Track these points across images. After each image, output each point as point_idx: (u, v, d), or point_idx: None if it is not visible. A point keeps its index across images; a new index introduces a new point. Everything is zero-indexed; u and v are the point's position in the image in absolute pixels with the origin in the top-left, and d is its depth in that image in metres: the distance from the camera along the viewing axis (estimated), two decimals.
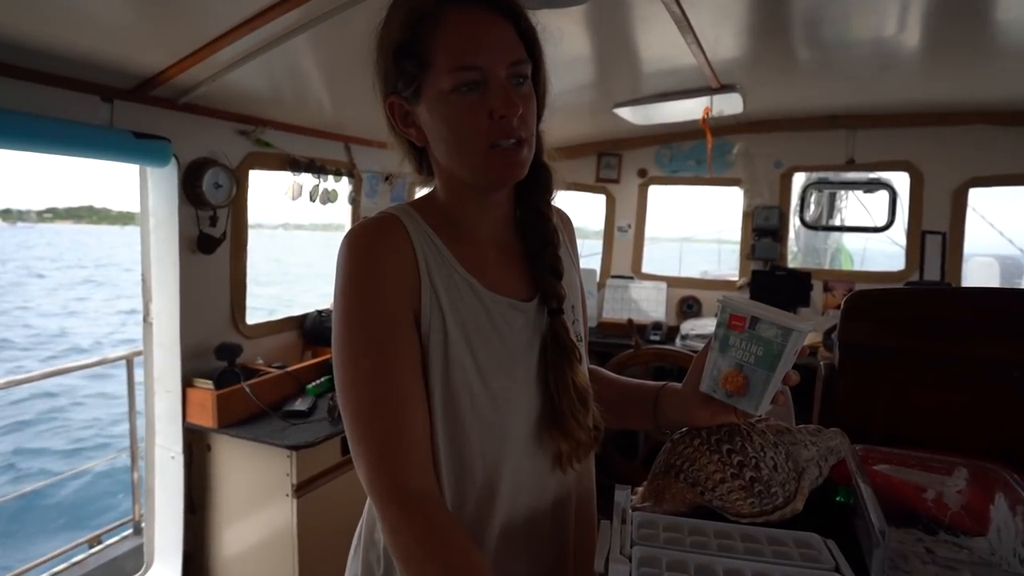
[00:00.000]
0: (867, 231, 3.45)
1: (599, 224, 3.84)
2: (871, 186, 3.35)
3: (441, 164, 0.73)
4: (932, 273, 3.06)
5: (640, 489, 0.84)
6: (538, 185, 0.77)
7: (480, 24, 0.65)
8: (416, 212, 0.74)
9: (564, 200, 0.85)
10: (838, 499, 0.81)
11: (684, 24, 1.75)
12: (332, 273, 0.70)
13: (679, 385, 0.82)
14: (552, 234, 0.78)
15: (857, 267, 4.53)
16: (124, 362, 2.49)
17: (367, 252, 0.68)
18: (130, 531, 2.41)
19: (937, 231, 3.08)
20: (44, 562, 2.16)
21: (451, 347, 0.69)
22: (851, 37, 2.04)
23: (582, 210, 3.84)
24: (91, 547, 2.31)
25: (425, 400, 0.69)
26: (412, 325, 0.68)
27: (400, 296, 0.68)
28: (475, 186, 0.72)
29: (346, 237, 0.69)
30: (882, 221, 3.31)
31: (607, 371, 0.95)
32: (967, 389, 0.94)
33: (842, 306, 1.04)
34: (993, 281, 5.09)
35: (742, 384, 0.71)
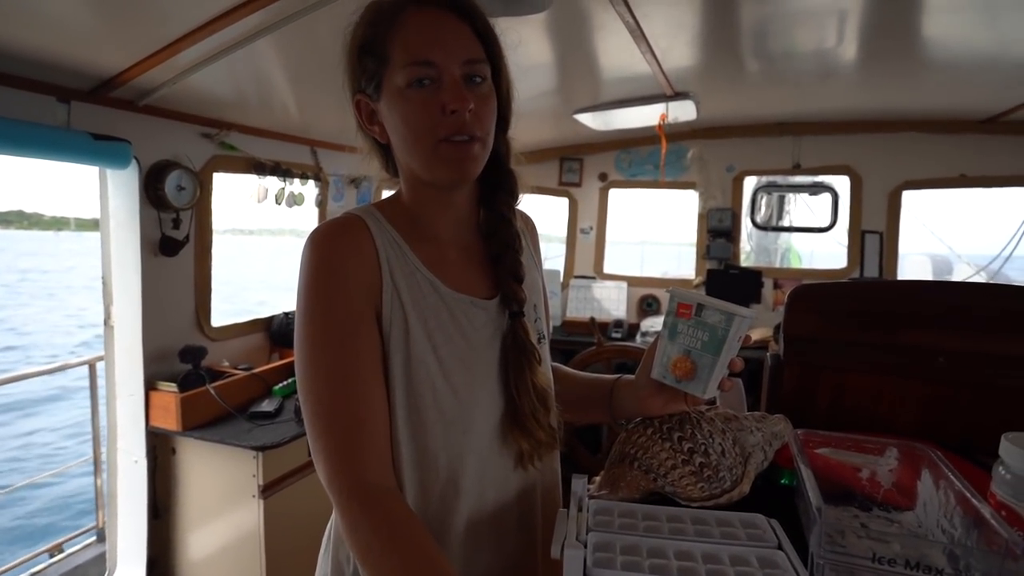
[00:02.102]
0: (813, 231, 3.63)
1: (562, 227, 3.92)
2: (815, 189, 3.53)
3: (401, 161, 0.75)
4: (871, 270, 3.25)
5: (597, 478, 0.89)
6: (502, 189, 0.79)
7: (436, 21, 0.68)
8: (379, 213, 0.75)
9: (528, 203, 0.87)
10: (783, 482, 0.87)
11: (638, 33, 1.82)
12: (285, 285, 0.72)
13: (632, 377, 0.86)
14: (514, 238, 0.79)
15: (805, 266, 4.74)
16: (86, 367, 2.43)
17: (329, 251, 0.69)
18: (93, 539, 2.36)
19: (875, 231, 3.27)
20: (2, 573, 2.10)
21: (413, 343, 0.70)
22: (795, 49, 2.15)
23: (546, 213, 3.92)
24: (52, 556, 2.26)
25: (385, 397, 0.70)
26: (373, 323, 0.70)
27: (361, 294, 0.69)
28: (430, 183, 0.73)
29: (310, 237, 0.71)
30: (826, 222, 3.49)
31: (567, 368, 0.99)
32: (898, 374, 1.03)
33: (786, 300, 1.12)
34: (926, 277, 5.40)
35: (690, 369, 0.75)
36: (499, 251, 0.79)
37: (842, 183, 3.39)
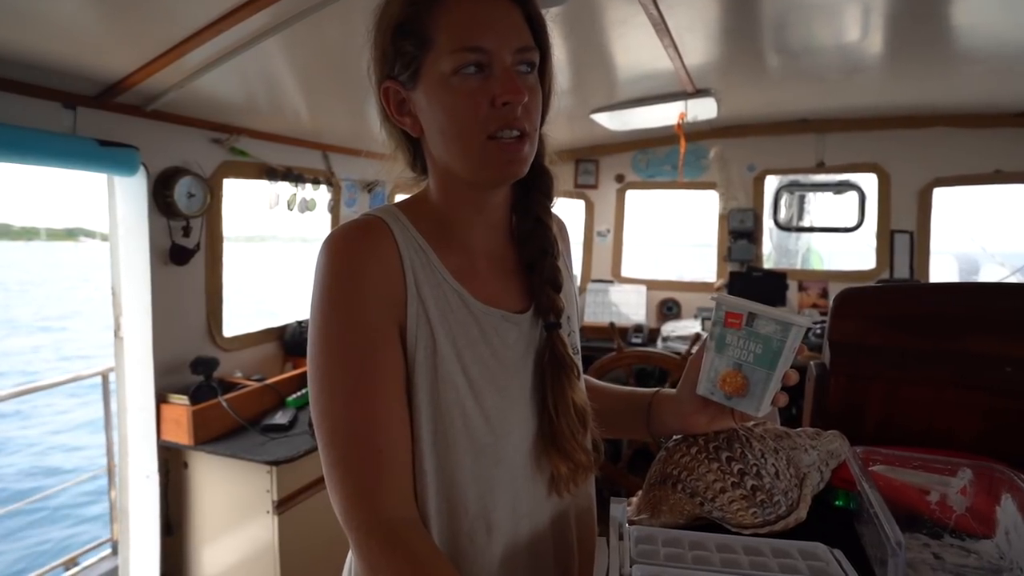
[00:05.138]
0: (839, 231, 3.53)
1: (578, 230, 3.85)
2: (841, 188, 3.43)
3: (436, 158, 0.68)
4: (902, 271, 3.14)
5: (635, 499, 0.82)
6: (538, 190, 0.73)
7: (488, 4, 0.61)
8: (403, 214, 0.68)
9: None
10: (838, 503, 0.80)
11: (661, 26, 1.76)
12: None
13: (673, 391, 0.80)
14: (551, 244, 0.73)
15: (827, 267, 4.63)
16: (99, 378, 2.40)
17: (348, 258, 0.62)
18: (108, 551, 2.33)
19: (905, 230, 3.16)
20: None
21: (441, 363, 0.64)
22: (816, 43, 2.08)
23: (560, 216, 3.84)
24: (67, 569, 2.24)
25: (408, 422, 0.64)
26: (396, 339, 0.63)
27: (383, 307, 0.63)
28: (471, 183, 0.67)
29: (326, 241, 0.64)
30: (852, 222, 3.38)
31: (598, 380, 0.92)
32: (959, 385, 0.95)
33: (831, 304, 1.04)
34: (952, 278, 5.26)
35: (742, 384, 0.69)
36: (535, 258, 0.72)
37: (869, 181, 3.29)
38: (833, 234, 3.65)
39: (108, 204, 1.91)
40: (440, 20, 0.61)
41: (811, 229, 4.01)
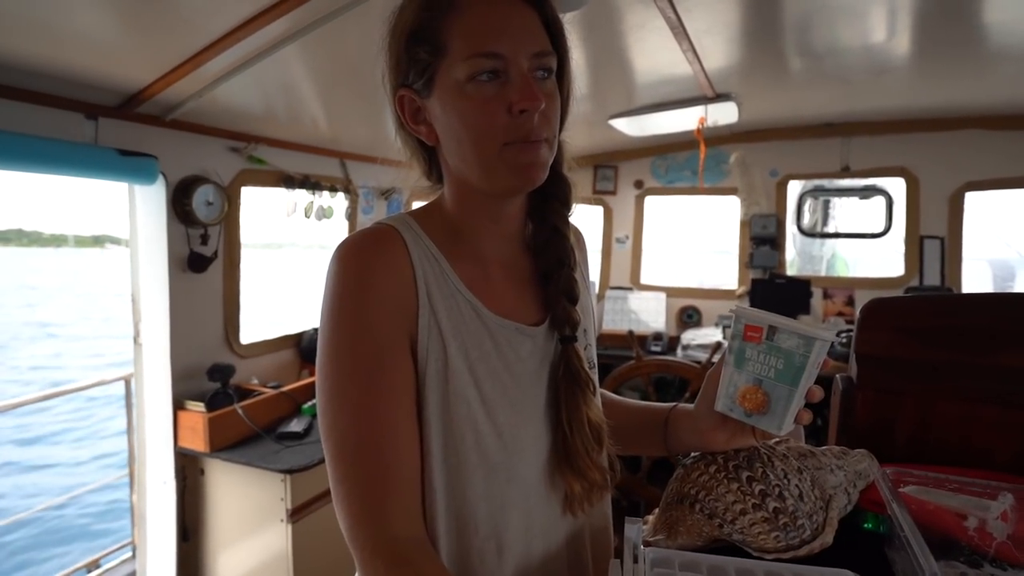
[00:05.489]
0: (865, 237, 3.44)
1: (597, 236, 3.81)
2: (867, 192, 3.34)
3: (451, 167, 0.66)
4: (932, 278, 3.04)
5: (651, 518, 0.79)
6: (556, 198, 0.70)
7: (503, 8, 0.59)
8: (416, 223, 0.66)
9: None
10: (866, 526, 0.76)
11: (680, 30, 1.73)
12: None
13: (690, 406, 0.77)
14: (568, 254, 0.71)
15: (853, 274, 4.52)
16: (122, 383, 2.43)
17: (359, 267, 0.61)
18: (129, 554, 2.36)
19: (935, 236, 3.06)
20: None
21: (453, 377, 0.62)
22: (841, 44, 2.02)
23: (578, 223, 3.81)
24: (89, 571, 2.28)
25: (417, 438, 0.62)
26: (406, 352, 0.61)
27: (394, 318, 0.61)
28: (487, 192, 0.65)
29: (337, 249, 0.62)
30: (879, 227, 3.29)
31: (613, 394, 0.90)
32: (997, 402, 0.89)
33: (858, 315, 1.00)
34: (986, 285, 5.09)
35: (762, 401, 0.66)
36: (551, 268, 0.70)
37: (896, 186, 3.19)
38: (859, 240, 3.55)
39: (128, 212, 1.94)
40: (454, 26, 0.59)
41: (836, 235, 3.92)
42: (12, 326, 17.65)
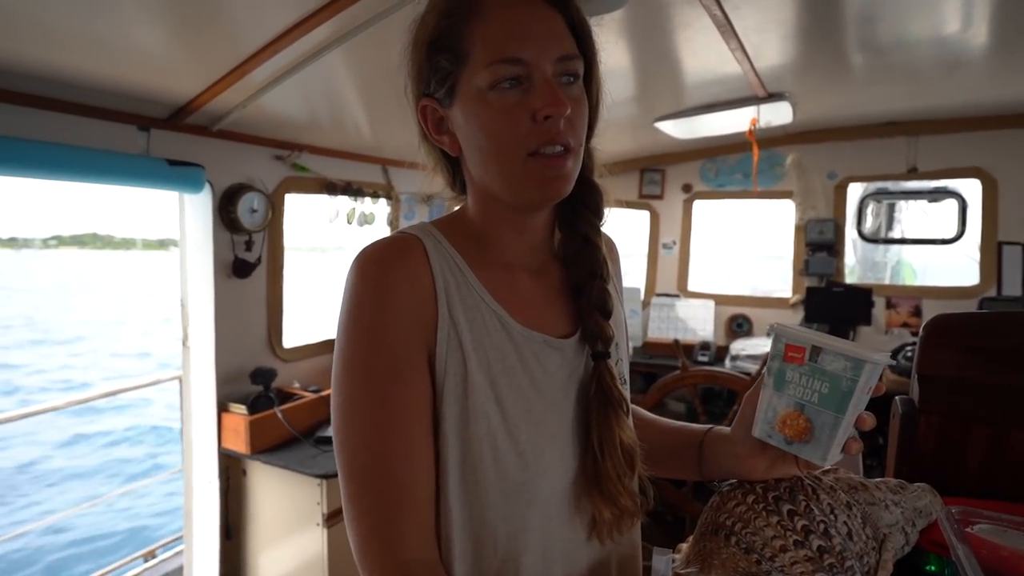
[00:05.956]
0: (935, 243, 3.20)
1: (643, 242, 3.72)
2: (937, 195, 3.11)
3: (474, 177, 0.64)
4: (1012, 287, 2.80)
5: (683, 546, 0.74)
6: (586, 207, 0.68)
7: (524, 11, 0.57)
8: (439, 232, 0.65)
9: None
10: (929, 569, 0.68)
11: (727, 28, 1.65)
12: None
13: (727, 429, 0.71)
14: (600, 265, 0.68)
15: (921, 282, 4.24)
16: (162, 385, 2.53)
17: (376, 279, 0.59)
18: (182, 547, 2.44)
19: (1016, 242, 2.82)
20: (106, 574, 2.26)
21: (472, 392, 0.59)
22: (910, 37, 1.89)
23: (623, 227, 3.74)
24: (146, 560, 2.40)
25: (432, 456, 0.60)
26: (424, 367, 0.59)
27: (411, 331, 0.59)
28: (511, 204, 0.63)
29: (355, 259, 0.61)
30: (951, 232, 3.06)
31: (645, 411, 0.85)
32: None
33: (921, 333, 0.91)
34: None
35: (804, 428, 0.60)
36: (582, 280, 0.67)
37: (971, 187, 2.96)
38: (928, 246, 3.32)
39: (179, 220, 2.01)
40: (475, 33, 0.57)
41: (902, 241, 3.67)
42: (94, 324, 18.89)
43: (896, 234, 3.76)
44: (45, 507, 5.91)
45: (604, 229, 0.72)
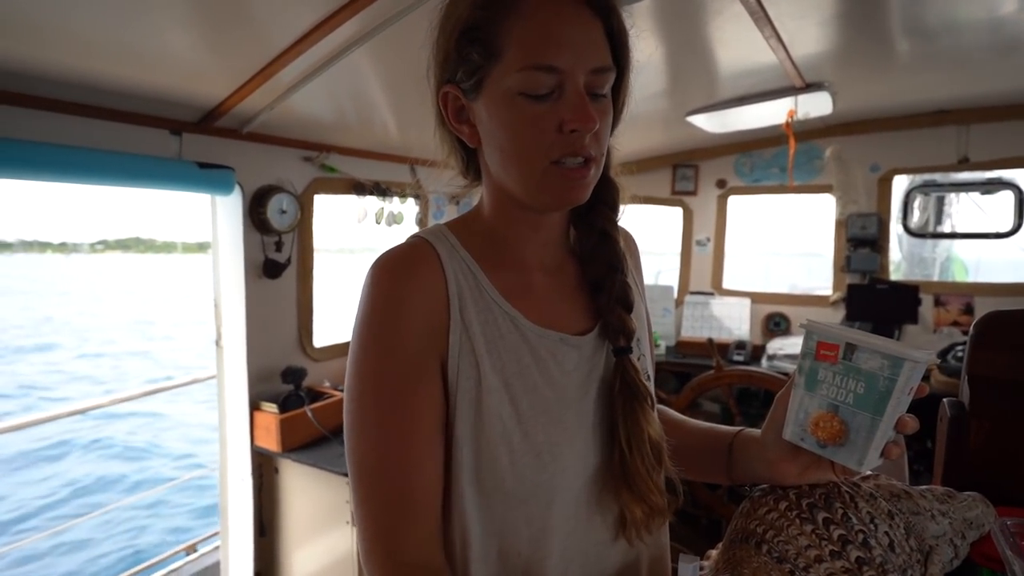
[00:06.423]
0: (988, 237, 3.03)
1: (675, 238, 3.64)
2: (991, 186, 2.95)
3: (492, 173, 0.64)
4: None
5: (713, 553, 0.71)
6: (603, 202, 0.67)
7: (566, 16, 0.56)
8: (453, 235, 0.65)
9: (635, 214, 0.74)
10: None
11: (760, 16, 1.59)
12: None
13: (758, 432, 0.68)
14: (619, 259, 0.67)
15: (973, 279, 4.04)
16: (199, 385, 2.60)
17: (390, 286, 0.60)
18: (220, 543, 2.51)
19: None
20: (149, 567, 2.36)
21: (486, 396, 0.59)
22: (961, 19, 1.78)
23: (654, 225, 3.67)
24: (188, 554, 2.48)
25: (441, 463, 0.60)
26: (436, 374, 0.60)
27: (422, 340, 0.59)
28: (527, 205, 0.63)
29: (371, 267, 0.62)
30: (1007, 226, 2.89)
31: (673, 411, 0.82)
32: None
33: (972, 331, 0.85)
34: None
35: (839, 431, 0.57)
36: (602, 275, 0.67)
37: None
38: (981, 241, 3.14)
39: (211, 222, 2.05)
40: (512, 31, 0.56)
41: (952, 235, 3.49)
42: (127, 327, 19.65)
43: (946, 228, 3.58)
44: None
45: (622, 224, 0.71)
